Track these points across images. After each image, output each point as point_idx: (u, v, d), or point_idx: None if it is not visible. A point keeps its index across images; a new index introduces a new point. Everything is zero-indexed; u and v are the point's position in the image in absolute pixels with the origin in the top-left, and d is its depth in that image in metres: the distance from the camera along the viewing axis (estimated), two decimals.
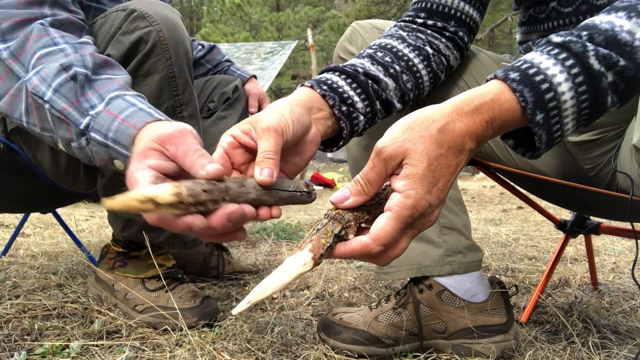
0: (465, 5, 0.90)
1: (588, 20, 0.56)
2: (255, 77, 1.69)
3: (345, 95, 0.74)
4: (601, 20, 0.54)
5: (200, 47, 1.70)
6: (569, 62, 0.52)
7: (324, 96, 0.72)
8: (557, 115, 0.53)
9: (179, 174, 0.60)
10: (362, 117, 0.76)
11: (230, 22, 14.80)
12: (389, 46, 0.85)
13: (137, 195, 0.46)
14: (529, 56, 0.55)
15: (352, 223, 0.54)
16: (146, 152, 0.60)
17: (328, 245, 0.52)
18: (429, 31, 0.89)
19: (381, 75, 0.80)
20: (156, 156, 0.60)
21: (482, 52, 1.02)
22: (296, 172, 0.69)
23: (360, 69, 0.78)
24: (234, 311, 0.51)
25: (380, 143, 0.53)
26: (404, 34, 0.88)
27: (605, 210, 1.12)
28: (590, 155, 0.93)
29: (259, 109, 1.65)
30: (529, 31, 0.97)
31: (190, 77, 1.06)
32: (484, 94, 0.53)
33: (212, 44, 1.74)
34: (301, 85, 0.75)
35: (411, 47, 0.86)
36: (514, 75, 0.53)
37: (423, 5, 0.92)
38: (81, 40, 0.85)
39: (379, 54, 0.83)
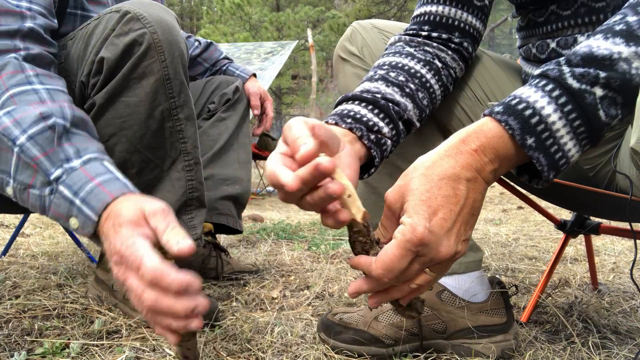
0: (469, 16, 0.90)
1: (571, 50, 0.59)
2: (254, 75, 1.68)
3: (371, 123, 0.74)
4: (580, 46, 0.57)
5: (196, 43, 1.68)
6: (549, 87, 0.56)
7: (351, 129, 0.72)
8: (551, 137, 0.55)
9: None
10: (389, 142, 0.77)
11: (230, 22, 14.79)
12: (400, 64, 0.84)
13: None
14: (512, 92, 0.59)
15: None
16: (139, 221, 0.63)
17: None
18: (434, 44, 0.89)
19: (398, 97, 0.80)
20: (146, 226, 0.63)
21: (485, 54, 1.02)
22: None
23: (377, 94, 0.78)
24: None
25: (387, 192, 0.59)
26: (412, 50, 0.88)
27: (605, 210, 1.12)
28: (590, 156, 0.93)
29: (262, 108, 1.64)
30: (528, 35, 0.97)
31: (186, 78, 1.05)
32: (467, 129, 0.58)
33: (209, 41, 1.72)
34: (325, 123, 0.74)
35: (422, 63, 0.85)
36: (497, 109, 0.57)
37: (426, 18, 0.91)
38: (56, 87, 0.85)
39: (392, 74, 0.82)
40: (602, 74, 0.54)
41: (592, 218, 1.34)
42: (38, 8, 0.94)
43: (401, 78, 0.82)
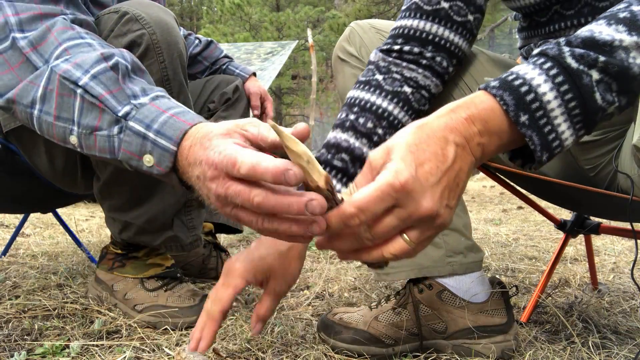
0: (445, 31, 0.89)
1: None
2: (254, 74, 1.68)
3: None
4: (582, 30, 0.57)
5: (197, 41, 1.68)
6: (547, 65, 0.55)
7: None
8: (545, 116, 0.54)
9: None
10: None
11: (230, 22, 14.77)
12: (368, 105, 0.87)
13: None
14: (510, 69, 0.58)
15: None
16: (232, 133, 0.57)
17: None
18: (404, 63, 0.89)
19: (365, 150, 0.85)
20: (240, 137, 0.57)
21: (483, 52, 1.02)
22: (286, 290, 0.77)
23: (346, 156, 0.85)
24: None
25: (371, 152, 0.57)
26: (380, 78, 0.89)
27: (606, 210, 1.12)
28: (591, 156, 0.93)
29: (262, 107, 1.64)
30: (530, 35, 0.97)
31: (185, 79, 1.05)
32: (458, 101, 0.57)
33: (210, 39, 1.71)
34: None
35: (390, 96, 0.88)
36: (493, 83, 0.57)
37: (400, 31, 0.91)
38: (108, 44, 0.81)
39: (361, 121, 0.86)
40: (602, 58, 0.54)
41: (592, 218, 1.34)
42: None
43: (369, 125, 0.86)
